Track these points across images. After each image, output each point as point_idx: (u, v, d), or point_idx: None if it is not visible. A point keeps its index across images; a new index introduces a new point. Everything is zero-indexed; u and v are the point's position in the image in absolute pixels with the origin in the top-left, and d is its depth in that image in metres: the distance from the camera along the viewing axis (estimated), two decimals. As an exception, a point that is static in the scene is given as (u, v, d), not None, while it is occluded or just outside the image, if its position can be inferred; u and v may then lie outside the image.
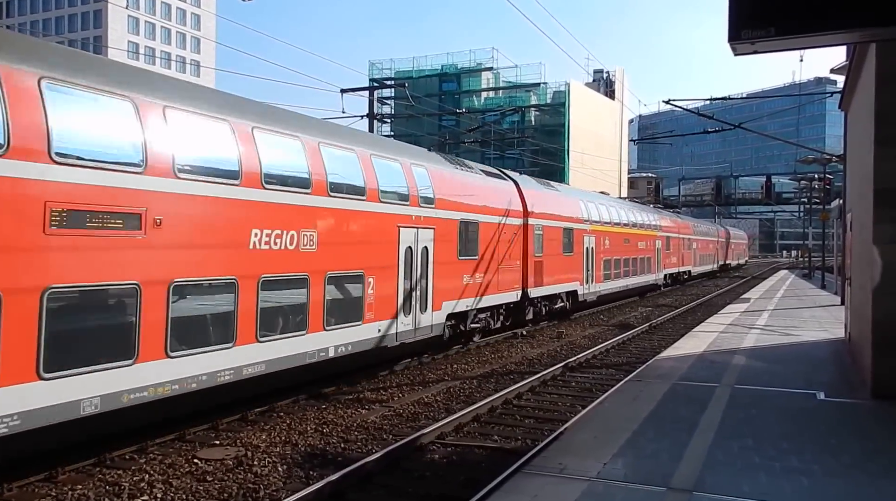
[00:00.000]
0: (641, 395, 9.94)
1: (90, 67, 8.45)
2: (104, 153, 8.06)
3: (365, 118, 26.20)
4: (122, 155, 8.28)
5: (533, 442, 9.51)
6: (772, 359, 13.23)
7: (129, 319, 8.20)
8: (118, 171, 8.15)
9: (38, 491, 7.70)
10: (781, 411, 9.05)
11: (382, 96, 51.33)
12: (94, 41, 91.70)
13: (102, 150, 8.08)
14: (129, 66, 10.32)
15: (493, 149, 61.91)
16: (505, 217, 18.64)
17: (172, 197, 8.77)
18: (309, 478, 8.16)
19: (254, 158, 10.14)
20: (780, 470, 6.57)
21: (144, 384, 8.36)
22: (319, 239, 11.38)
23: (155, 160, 8.58)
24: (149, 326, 8.39)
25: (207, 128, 9.62)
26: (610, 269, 27.86)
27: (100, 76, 8.32)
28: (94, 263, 7.81)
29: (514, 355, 17.29)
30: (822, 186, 41.77)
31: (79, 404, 7.61)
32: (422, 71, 70.08)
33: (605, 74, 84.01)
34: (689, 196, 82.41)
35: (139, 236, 8.32)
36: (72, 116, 7.87)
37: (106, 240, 7.93)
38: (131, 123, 8.44)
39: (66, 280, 7.51)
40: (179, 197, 8.88)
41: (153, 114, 8.72)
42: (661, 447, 7.33)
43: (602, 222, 27.06)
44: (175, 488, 7.86)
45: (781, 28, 7.09)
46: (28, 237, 7.20)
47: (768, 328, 18.19)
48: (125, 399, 8.15)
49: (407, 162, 14.57)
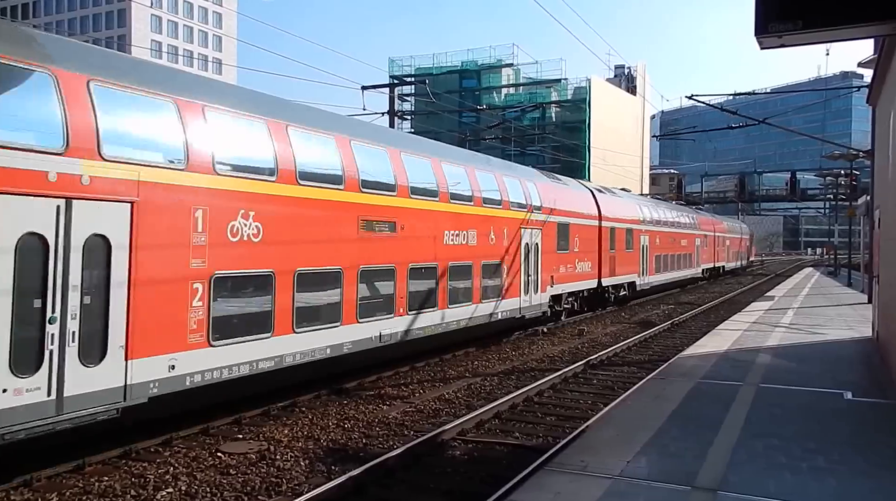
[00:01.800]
0: (664, 393, 9.86)
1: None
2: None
3: (385, 115, 26.30)
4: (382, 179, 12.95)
5: (555, 440, 9.48)
6: (797, 358, 13.05)
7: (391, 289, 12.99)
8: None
9: (66, 482, 7.83)
10: (807, 410, 8.92)
11: (403, 93, 51.31)
12: (118, 40, 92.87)
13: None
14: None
15: (514, 145, 61.74)
16: (585, 219, 22.95)
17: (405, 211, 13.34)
18: (331, 473, 8.21)
19: (444, 183, 14.87)
20: (807, 470, 6.49)
21: (398, 330, 13.12)
22: (478, 237, 15.98)
23: (401, 184, 13.36)
24: (400, 294, 13.21)
25: (421, 163, 14.34)
26: (660, 263, 32.10)
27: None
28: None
29: (535, 352, 17.24)
30: (849, 183, 41.11)
31: (379, 335, 12.51)
32: (442, 67, 69.99)
33: (627, 69, 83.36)
34: (712, 193, 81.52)
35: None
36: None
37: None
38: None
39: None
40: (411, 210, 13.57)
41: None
42: (685, 445, 7.27)
43: (654, 222, 31.42)
44: (199, 481, 7.95)
45: (809, 21, 6.98)
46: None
47: (793, 327, 17.95)
48: (386, 338, 12.77)
49: (523, 179, 19.17)
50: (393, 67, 68.85)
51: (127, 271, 7.99)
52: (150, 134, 8.70)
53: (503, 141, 55.53)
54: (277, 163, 10.31)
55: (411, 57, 70.68)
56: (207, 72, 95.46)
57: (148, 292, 8.23)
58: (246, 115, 10.11)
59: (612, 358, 16.32)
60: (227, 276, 9.34)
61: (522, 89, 71.08)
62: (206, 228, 9.02)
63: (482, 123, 55.82)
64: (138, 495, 7.53)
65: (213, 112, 9.46)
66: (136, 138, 8.48)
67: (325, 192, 11.25)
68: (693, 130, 34.67)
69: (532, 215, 18.80)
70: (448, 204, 14.89)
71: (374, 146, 12.89)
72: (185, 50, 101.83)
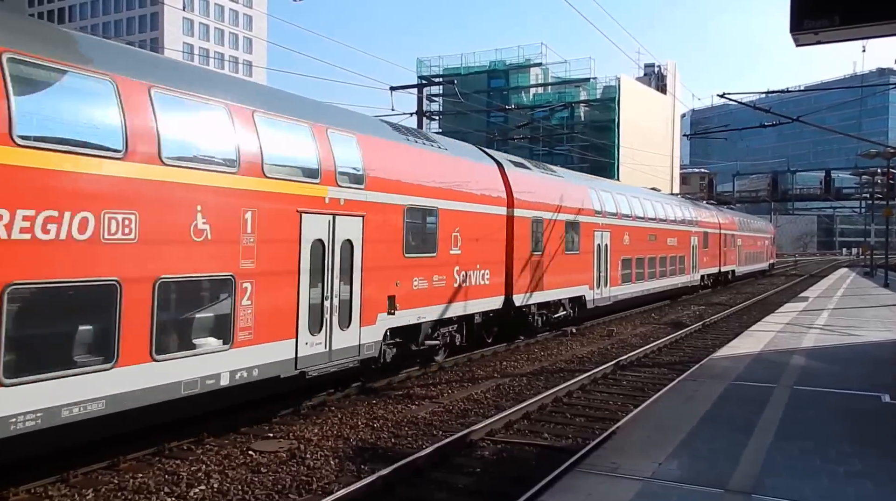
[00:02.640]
0: (696, 395, 9.74)
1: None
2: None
3: (414, 115, 26.37)
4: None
5: (584, 441, 9.41)
6: (833, 360, 12.78)
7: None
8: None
9: (101, 479, 7.98)
10: (844, 413, 8.74)
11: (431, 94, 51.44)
12: (151, 43, 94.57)
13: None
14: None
15: (542, 145, 61.45)
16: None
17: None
18: (360, 472, 8.25)
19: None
20: (844, 474, 6.35)
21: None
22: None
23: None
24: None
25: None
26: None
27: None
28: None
29: (563, 352, 17.14)
30: (886, 181, 40.13)
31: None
32: (470, 68, 70.00)
33: (657, 67, 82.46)
34: (744, 192, 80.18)
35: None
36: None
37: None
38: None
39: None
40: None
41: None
42: (718, 448, 7.16)
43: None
44: (231, 479, 8.05)
45: (846, 17, 6.83)
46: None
47: (828, 328, 17.58)
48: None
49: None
50: (421, 68, 69.10)
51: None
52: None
53: (531, 141, 55.27)
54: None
55: (439, 57, 70.93)
56: (238, 73, 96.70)
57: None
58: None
59: (642, 359, 16.16)
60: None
61: (551, 89, 70.77)
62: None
63: (510, 123, 55.69)
64: (172, 492, 7.66)
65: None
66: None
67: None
68: (725, 128, 34.01)
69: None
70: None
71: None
72: (215, 52, 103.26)
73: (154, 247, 7.99)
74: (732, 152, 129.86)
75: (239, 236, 9.08)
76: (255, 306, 9.31)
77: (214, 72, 11.74)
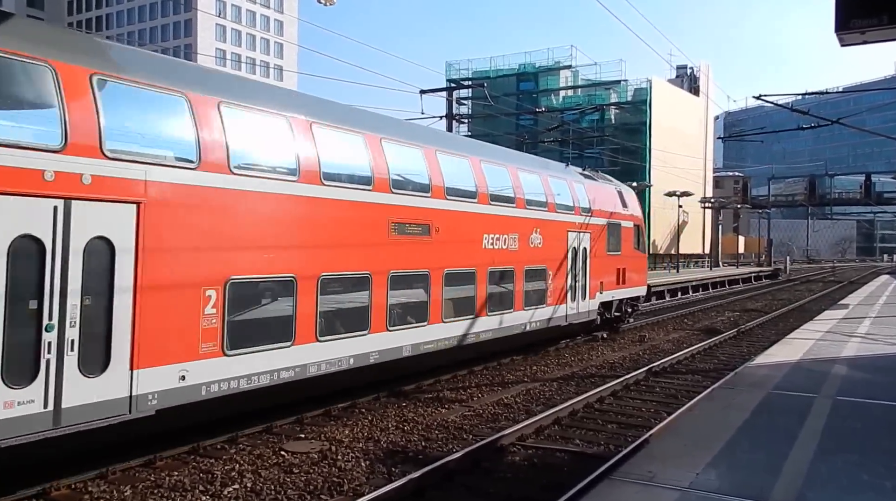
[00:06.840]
0: (733, 403, 9.50)
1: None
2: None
3: (443, 119, 26.38)
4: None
5: (616, 448, 9.27)
6: (876, 370, 12.40)
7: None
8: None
9: (139, 476, 8.08)
10: (890, 425, 8.44)
11: (460, 97, 51.44)
12: (185, 49, 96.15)
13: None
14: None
15: (572, 148, 60.99)
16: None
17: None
18: (391, 474, 8.23)
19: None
20: (892, 490, 6.12)
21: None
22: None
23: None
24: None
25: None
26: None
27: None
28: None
29: (594, 358, 16.95)
30: (929, 186, 38.97)
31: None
32: (499, 70, 69.75)
33: (689, 69, 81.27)
34: (780, 196, 78.42)
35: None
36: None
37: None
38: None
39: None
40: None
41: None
42: (758, 458, 6.97)
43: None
44: (263, 478, 8.09)
45: (895, 16, 6.62)
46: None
47: (870, 337, 17.08)
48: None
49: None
50: (450, 71, 68.99)
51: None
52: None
53: (562, 144, 54.84)
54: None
55: (469, 60, 70.75)
56: (269, 78, 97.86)
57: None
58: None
59: (675, 366, 15.89)
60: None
61: (581, 91, 70.10)
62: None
63: (540, 126, 55.36)
64: (206, 490, 7.72)
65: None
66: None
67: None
68: (761, 131, 33.32)
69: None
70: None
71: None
72: (247, 57, 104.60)
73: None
74: (768, 155, 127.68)
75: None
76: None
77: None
